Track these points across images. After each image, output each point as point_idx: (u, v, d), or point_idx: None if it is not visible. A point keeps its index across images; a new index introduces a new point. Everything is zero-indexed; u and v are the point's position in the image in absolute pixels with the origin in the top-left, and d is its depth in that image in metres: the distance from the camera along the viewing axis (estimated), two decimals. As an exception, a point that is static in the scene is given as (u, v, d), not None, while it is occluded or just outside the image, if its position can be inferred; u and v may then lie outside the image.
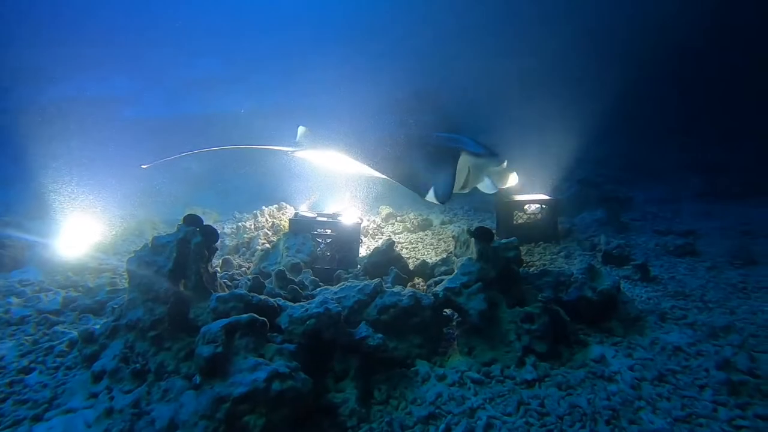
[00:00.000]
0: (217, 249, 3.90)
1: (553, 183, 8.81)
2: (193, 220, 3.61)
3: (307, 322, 3.21)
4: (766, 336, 3.92)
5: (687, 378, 3.34)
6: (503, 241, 4.07)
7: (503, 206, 7.32)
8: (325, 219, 5.77)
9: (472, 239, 4.10)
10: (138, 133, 14.20)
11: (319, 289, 4.20)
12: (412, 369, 3.44)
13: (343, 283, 4.12)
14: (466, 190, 6.75)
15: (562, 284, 4.22)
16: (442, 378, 3.37)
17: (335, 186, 9.02)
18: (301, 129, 7.98)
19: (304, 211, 6.28)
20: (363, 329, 3.34)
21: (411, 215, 8.97)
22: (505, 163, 6.74)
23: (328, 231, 5.78)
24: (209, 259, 3.74)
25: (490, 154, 6.85)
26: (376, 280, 3.85)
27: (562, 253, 6.56)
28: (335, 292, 3.81)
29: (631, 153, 14.60)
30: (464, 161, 6.08)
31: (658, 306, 4.60)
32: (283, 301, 3.58)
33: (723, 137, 15.07)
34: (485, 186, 6.69)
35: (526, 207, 7.35)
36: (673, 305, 4.62)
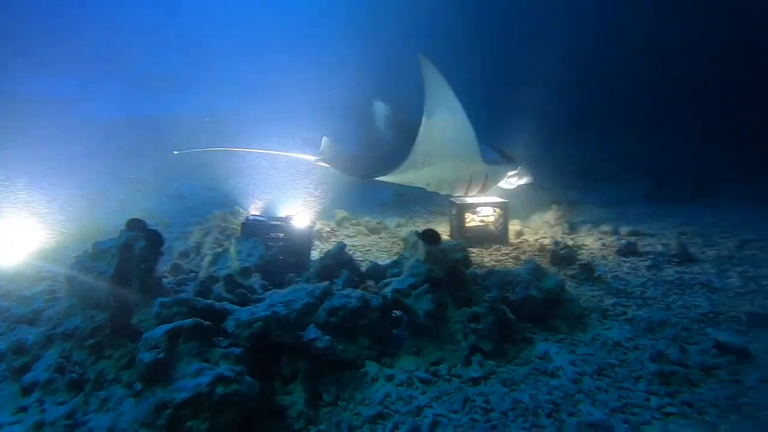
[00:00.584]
0: (162, 254, 3.85)
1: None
2: (136, 225, 3.55)
3: (254, 326, 3.22)
4: (698, 329, 4.19)
5: (624, 371, 3.53)
6: (451, 243, 4.19)
7: (456, 209, 7.50)
8: (277, 223, 5.76)
9: (420, 241, 4.20)
10: (87, 133, 13.67)
11: (268, 292, 4.20)
12: (362, 370, 3.49)
13: (292, 286, 4.13)
14: (485, 192, 7.72)
15: (509, 284, 4.37)
16: (390, 378, 3.44)
17: (290, 190, 9.02)
18: (325, 140, 8.54)
19: (257, 214, 6.24)
20: (311, 331, 3.37)
21: (366, 219, 9.05)
22: (519, 167, 8.01)
23: (281, 235, 5.77)
24: (154, 264, 3.69)
25: (506, 160, 7.56)
26: (326, 283, 3.89)
27: (512, 255, 6.76)
28: (284, 295, 3.81)
29: (582, 158, 15.18)
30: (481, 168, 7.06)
31: (601, 303, 4.82)
32: (230, 305, 3.57)
33: (668, 144, 15.88)
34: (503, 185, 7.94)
35: (478, 210, 7.54)
36: (615, 302, 4.86)
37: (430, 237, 4.10)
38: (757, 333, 4.15)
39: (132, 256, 3.45)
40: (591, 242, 7.43)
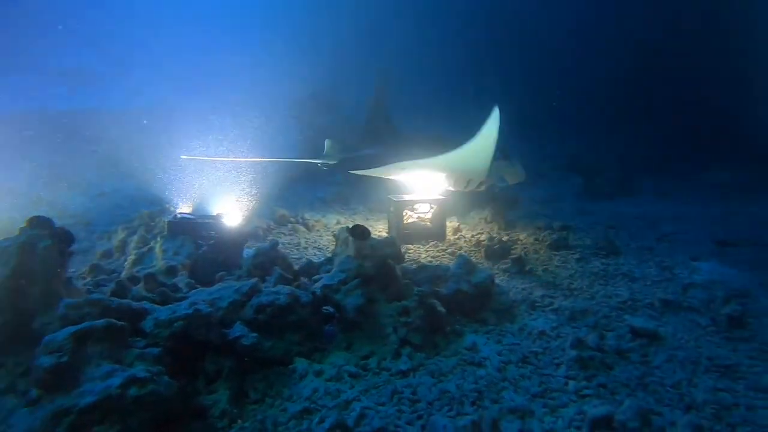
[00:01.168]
0: (72, 253, 3.68)
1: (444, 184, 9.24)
2: (40, 223, 3.37)
3: (175, 325, 3.15)
4: (616, 316, 4.46)
5: (547, 358, 3.72)
6: (381, 239, 4.24)
7: (394, 207, 7.59)
8: (207, 221, 5.63)
9: (351, 237, 4.23)
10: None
11: (193, 290, 4.10)
12: (291, 367, 3.48)
13: (219, 284, 4.06)
14: (483, 188, 8.12)
15: (440, 278, 4.49)
16: (319, 374, 3.44)
17: (227, 187, 8.81)
18: (327, 142, 8.71)
19: (185, 212, 6.07)
20: (237, 329, 3.33)
21: (305, 216, 8.99)
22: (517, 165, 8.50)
23: (212, 233, 5.65)
24: (63, 265, 3.51)
25: (503, 157, 8.28)
26: (254, 280, 3.84)
27: (449, 251, 6.92)
28: (210, 293, 3.75)
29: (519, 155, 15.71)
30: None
31: (530, 295, 5.03)
32: (150, 304, 3.46)
33: (596, 143, 16.71)
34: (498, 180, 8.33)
35: (416, 207, 7.65)
36: (543, 294, 5.07)
37: (359, 233, 4.14)
38: (669, 318, 4.47)
39: (34, 256, 3.26)
40: (525, 237, 7.71)
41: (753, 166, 13.19)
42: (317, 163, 8.70)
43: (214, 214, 5.94)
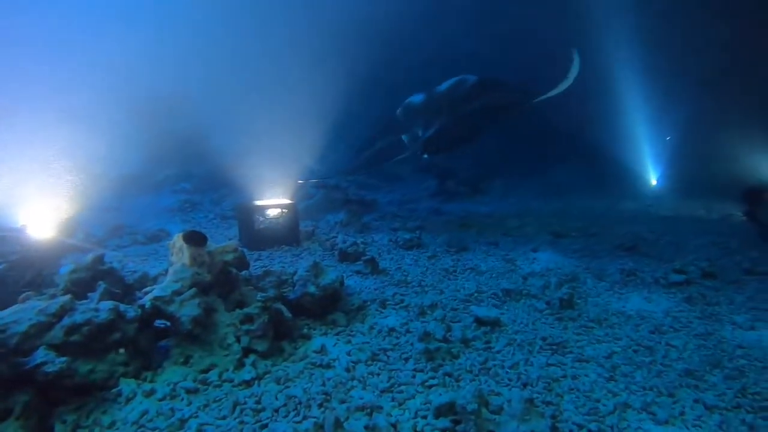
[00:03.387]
0: None
1: (298, 188, 9.26)
2: None
3: None
4: (463, 308, 4.83)
5: (396, 354, 3.90)
6: (220, 245, 4.13)
7: (244, 212, 7.44)
8: (7, 233, 5.00)
9: (185, 245, 4.05)
10: None
11: None
12: (114, 390, 3.22)
13: (19, 305, 3.62)
14: None
15: (285, 283, 4.49)
16: (150, 394, 3.24)
17: (42, 194, 7.88)
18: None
19: None
20: (40, 355, 3.00)
21: (146, 227, 8.41)
22: None
23: (17, 248, 5.02)
24: None
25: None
26: (65, 297, 3.49)
27: (302, 255, 6.95)
28: (2, 317, 3.32)
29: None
30: None
31: (382, 294, 5.24)
32: None
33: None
34: None
35: (266, 212, 7.56)
36: (395, 292, 5.32)
37: (193, 239, 3.98)
38: (510, 305, 4.97)
39: None
40: (379, 238, 8.02)
41: (582, 166, 15.16)
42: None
43: (18, 225, 5.29)
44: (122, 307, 3.55)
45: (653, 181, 13.87)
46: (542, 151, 16.33)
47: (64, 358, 3.01)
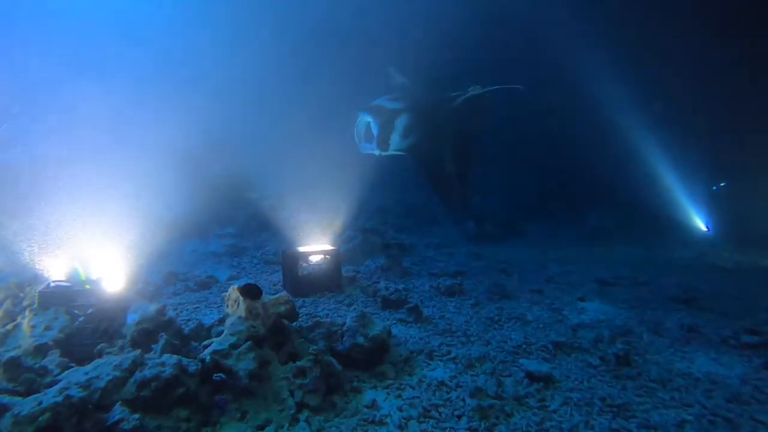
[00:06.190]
0: None
1: (337, 233, 9.33)
2: None
3: (40, 419, 2.83)
4: (512, 361, 4.70)
5: (447, 410, 3.80)
6: (273, 296, 4.16)
7: (288, 258, 7.50)
8: (83, 287, 5.16)
9: (241, 297, 4.10)
10: None
11: (66, 372, 3.71)
12: (176, 447, 3.23)
13: (97, 360, 3.72)
14: None
15: (335, 334, 4.46)
16: (208, 451, 3.23)
17: (106, 247, 8.12)
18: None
19: (60, 280, 5.51)
20: (117, 412, 3.07)
21: (195, 273, 8.54)
22: None
23: (91, 300, 5.17)
24: None
25: None
26: (136, 352, 3.57)
27: (345, 302, 6.92)
28: (86, 373, 3.42)
29: (410, 200, 16.36)
30: None
31: (428, 345, 5.15)
32: (9, 398, 3.08)
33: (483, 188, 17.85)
34: None
35: (310, 258, 7.61)
36: (441, 342, 5.22)
37: (249, 292, 4.03)
38: (562, 359, 4.81)
39: None
40: (420, 284, 7.95)
41: (614, 212, 14.86)
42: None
43: (92, 278, 5.45)
44: (185, 361, 3.61)
45: (704, 228, 13.37)
46: (576, 196, 16.14)
47: (137, 415, 3.08)
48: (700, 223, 13.49)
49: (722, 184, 14.05)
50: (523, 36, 16.65)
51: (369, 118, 9.12)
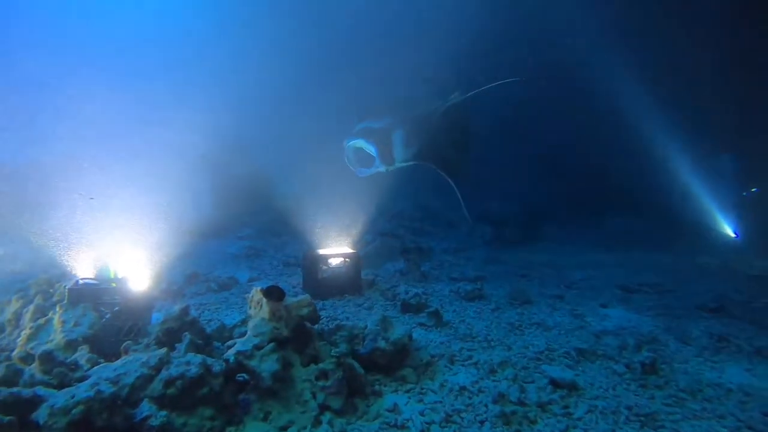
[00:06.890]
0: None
1: (356, 236, 9.34)
2: None
3: (73, 412, 2.90)
4: (534, 367, 4.64)
5: (470, 415, 3.76)
6: (296, 298, 4.17)
7: (309, 261, 7.53)
8: (110, 285, 5.24)
9: (264, 299, 4.12)
10: None
11: (96, 367, 3.77)
12: (201, 446, 3.25)
13: (124, 357, 3.77)
14: None
15: (357, 337, 4.46)
16: (232, 450, 3.24)
17: (131, 247, 8.25)
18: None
19: (87, 277, 5.61)
20: (145, 408, 3.13)
21: (216, 274, 8.62)
22: None
23: (116, 298, 5.25)
24: None
25: None
26: (162, 350, 3.61)
27: (365, 305, 6.91)
28: (114, 369, 3.48)
29: (427, 204, 16.31)
30: None
31: (449, 349, 5.11)
32: (44, 389, 3.15)
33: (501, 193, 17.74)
34: None
35: (330, 261, 7.63)
36: (461, 347, 5.18)
37: (273, 294, 4.04)
38: (586, 366, 4.74)
39: None
40: (440, 288, 7.92)
41: (637, 217, 14.65)
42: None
43: (119, 277, 5.54)
44: (209, 360, 3.63)
45: (732, 234, 13.09)
46: (597, 200, 15.95)
47: (164, 412, 3.13)
48: (728, 230, 13.21)
49: (753, 190, 13.69)
50: (546, 37, 16.57)
51: (360, 143, 9.07)
